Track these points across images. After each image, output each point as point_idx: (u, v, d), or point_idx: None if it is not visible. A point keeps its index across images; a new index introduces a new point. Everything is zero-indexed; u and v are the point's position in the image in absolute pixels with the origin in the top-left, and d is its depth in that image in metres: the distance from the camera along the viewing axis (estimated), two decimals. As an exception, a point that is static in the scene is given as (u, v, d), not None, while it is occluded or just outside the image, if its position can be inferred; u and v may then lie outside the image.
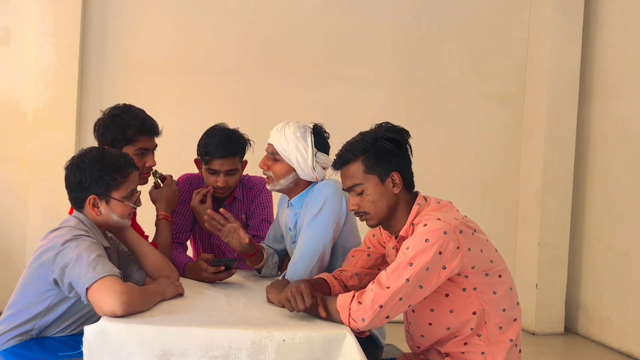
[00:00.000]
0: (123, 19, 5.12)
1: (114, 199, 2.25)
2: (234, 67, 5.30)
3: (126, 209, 2.29)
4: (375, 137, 2.14)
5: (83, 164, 2.24)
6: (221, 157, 2.82)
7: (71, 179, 2.25)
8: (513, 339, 2.12)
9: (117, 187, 2.25)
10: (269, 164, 2.57)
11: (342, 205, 2.50)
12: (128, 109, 2.72)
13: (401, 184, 2.14)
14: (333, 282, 2.32)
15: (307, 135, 2.51)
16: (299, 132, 2.50)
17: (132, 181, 2.30)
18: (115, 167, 2.25)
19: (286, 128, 2.52)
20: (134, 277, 2.41)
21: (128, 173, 2.28)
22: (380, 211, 2.14)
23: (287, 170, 2.54)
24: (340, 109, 5.34)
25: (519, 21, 5.70)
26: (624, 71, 5.08)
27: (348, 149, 2.16)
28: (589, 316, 5.38)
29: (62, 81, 4.92)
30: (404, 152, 2.18)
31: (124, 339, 1.86)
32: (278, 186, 2.58)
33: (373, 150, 2.12)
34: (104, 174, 2.22)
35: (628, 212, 4.94)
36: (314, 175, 2.53)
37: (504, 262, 2.16)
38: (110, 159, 2.26)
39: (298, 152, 2.49)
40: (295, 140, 2.49)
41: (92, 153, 2.28)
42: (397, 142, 2.14)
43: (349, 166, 2.15)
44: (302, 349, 1.90)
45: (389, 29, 5.51)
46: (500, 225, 5.66)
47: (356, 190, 2.15)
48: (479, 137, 5.69)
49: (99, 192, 2.23)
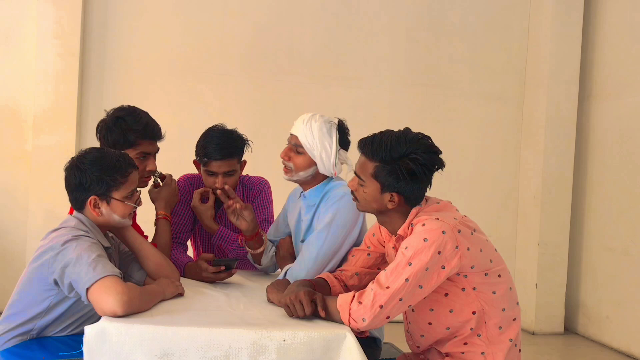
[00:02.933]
0: (123, 19, 5.12)
1: (115, 199, 2.25)
2: (234, 67, 5.30)
3: (127, 209, 2.29)
4: (402, 154, 2.06)
5: (83, 164, 2.23)
6: (219, 159, 2.82)
7: (71, 180, 2.25)
8: (513, 339, 2.13)
9: (118, 187, 2.25)
10: (291, 155, 2.56)
11: (358, 219, 2.50)
12: (132, 111, 2.69)
13: (398, 203, 2.11)
14: (333, 282, 2.32)
15: (333, 132, 2.49)
16: (325, 127, 2.48)
17: (132, 181, 2.30)
18: (115, 167, 2.25)
19: (312, 121, 2.49)
20: (134, 277, 2.41)
21: (128, 173, 2.28)
22: (369, 208, 2.17)
23: (309, 163, 2.53)
24: (340, 109, 5.31)
25: (519, 21, 5.70)
26: (624, 71, 5.09)
27: (375, 144, 2.09)
28: (588, 316, 5.38)
29: (62, 82, 4.92)
30: (422, 179, 2.09)
31: (124, 339, 1.86)
32: (296, 177, 2.58)
33: (391, 165, 2.07)
34: (104, 175, 2.22)
35: (628, 212, 4.94)
36: (334, 171, 2.53)
37: (504, 262, 2.16)
38: (110, 159, 2.26)
39: (323, 147, 2.48)
40: (321, 136, 2.47)
41: (92, 154, 2.28)
42: (423, 167, 2.06)
43: (365, 159, 2.13)
44: (302, 349, 1.90)
45: (389, 29, 5.52)
46: (500, 225, 5.66)
47: (359, 180, 2.16)
48: (479, 137, 5.70)
49: (100, 192, 2.23)
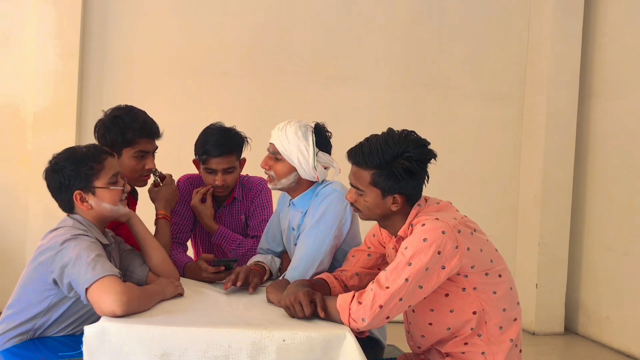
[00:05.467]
0: (123, 19, 5.12)
1: (99, 188, 2.25)
2: (234, 67, 5.30)
3: (115, 194, 2.28)
4: (395, 155, 2.07)
5: (57, 165, 2.25)
6: (218, 156, 2.84)
7: (52, 184, 2.26)
8: (513, 339, 2.12)
9: (97, 175, 2.25)
10: (271, 163, 2.58)
11: (346, 213, 2.51)
12: (129, 110, 2.70)
13: (401, 203, 2.12)
14: (333, 282, 2.32)
15: (309, 135, 2.50)
16: (300, 131, 2.50)
17: (110, 166, 2.29)
18: (87, 157, 2.26)
19: (287, 127, 2.51)
20: (136, 273, 2.41)
21: (102, 159, 2.28)
22: (373, 215, 2.18)
23: (289, 169, 2.54)
24: (340, 109, 5.33)
25: (519, 21, 5.70)
26: (624, 71, 5.08)
27: (365, 153, 2.10)
28: (588, 316, 5.38)
29: (62, 81, 4.91)
30: (419, 174, 2.11)
31: (124, 339, 1.86)
32: (279, 185, 2.59)
33: (387, 170, 2.07)
34: (79, 166, 2.23)
35: (628, 212, 4.94)
36: (315, 174, 2.53)
37: (504, 262, 2.16)
38: (81, 151, 2.28)
39: (299, 151, 2.48)
40: (296, 140, 2.48)
41: (63, 153, 2.30)
42: (418, 162, 2.08)
43: (359, 169, 2.14)
44: (302, 349, 1.90)
45: (389, 29, 5.51)
46: (500, 225, 5.65)
47: (357, 191, 2.16)
48: (479, 137, 5.69)
49: (81, 186, 2.23)
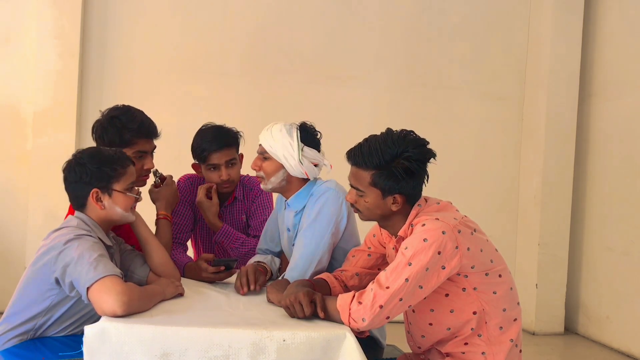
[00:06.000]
0: (123, 19, 5.12)
1: (116, 191, 2.27)
2: (234, 67, 5.30)
3: (129, 201, 2.31)
4: (395, 155, 2.07)
5: (82, 160, 2.27)
6: (217, 150, 2.86)
7: (71, 177, 2.27)
8: (513, 339, 2.12)
9: (118, 179, 2.27)
10: (259, 163, 2.61)
11: (342, 210, 2.51)
12: (126, 110, 2.70)
13: (401, 204, 2.12)
14: (333, 282, 2.32)
15: (293, 131, 2.55)
16: (284, 129, 2.55)
17: (131, 174, 2.33)
18: (113, 159, 2.29)
19: (273, 127, 2.58)
20: (137, 273, 2.42)
21: (126, 165, 2.32)
22: (373, 216, 2.18)
23: (276, 167, 2.57)
24: (340, 109, 5.33)
25: (519, 21, 5.70)
26: (624, 71, 5.08)
27: (365, 153, 2.10)
28: (588, 316, 5.38)
29: (62, 81, 4.92)
30: (419, 174, 2.11)
31: (124, 339, 1.86)
32: (270, 185, 2.61)
33: (386, 170, 2.08)
34: (103, 166, 2.25)
35: (628, 212, 4.94)
36: (303, 170, 2.53)
37: (504, 262, 2.16)
38: (107, 153, 2.32)
39: (284, 147, 2.52)
40: (281, 137, 2.53)
41: (89, 150, 2.33)
42: (417, 162, 2.08)
43: (358, 170, 2.14)
44: (302, 349, 1.90)
45: (389, 29, 5.51)
46: (500, 225, 5.65)
47: (357, 192, 2.16)
48: (479, 137, 5.69)
49: (101, 185, 2.25)
